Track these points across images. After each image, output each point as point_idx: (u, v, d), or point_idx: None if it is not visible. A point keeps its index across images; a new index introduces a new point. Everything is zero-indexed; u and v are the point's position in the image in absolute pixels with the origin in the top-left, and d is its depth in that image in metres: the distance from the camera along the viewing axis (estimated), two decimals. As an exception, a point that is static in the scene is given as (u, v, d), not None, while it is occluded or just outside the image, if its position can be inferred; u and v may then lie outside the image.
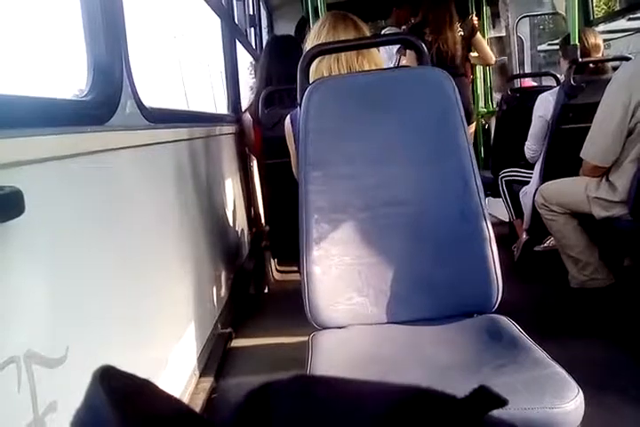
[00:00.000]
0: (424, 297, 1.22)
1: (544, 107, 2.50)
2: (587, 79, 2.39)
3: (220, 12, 2.78)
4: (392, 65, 3.33)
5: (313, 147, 1.25)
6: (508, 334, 1.08)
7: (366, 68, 1.56)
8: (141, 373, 0.35)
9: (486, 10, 4.26)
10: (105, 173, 1.12)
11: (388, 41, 1.95)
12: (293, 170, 1.69)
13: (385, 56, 3.43)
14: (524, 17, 4.83)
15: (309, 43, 1.63)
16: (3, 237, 0.72)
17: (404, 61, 3.30)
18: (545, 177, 2.43)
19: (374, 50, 1.62)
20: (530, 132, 2.60)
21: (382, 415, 0.30)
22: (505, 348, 1.03)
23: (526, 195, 2.64)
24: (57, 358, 0.83)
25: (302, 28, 4.14)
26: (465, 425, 0.31)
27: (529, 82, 4.56)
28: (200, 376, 1.70)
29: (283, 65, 2.53)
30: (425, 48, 1.39)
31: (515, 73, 4.55)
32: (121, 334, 1.11)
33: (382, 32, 4.03)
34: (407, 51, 3.20)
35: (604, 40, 3.00)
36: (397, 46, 3.33)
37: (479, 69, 4.32)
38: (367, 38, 1.68)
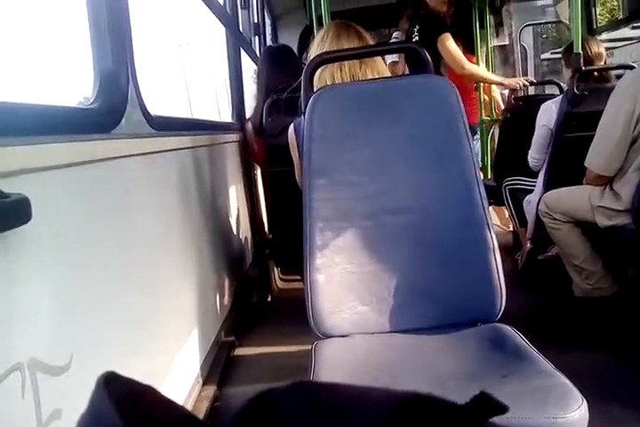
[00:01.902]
0: (427, 306, 1.22)
1: (547, 115, 2.50)
2: (590, 87, 2.39)
3: (224, 21, 2.80)
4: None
5: (317, 155, 1.26)
6: (511, 343, 1.08)
7: (369, 76, 1.57)
8: (145, 380, 0.35)
9: (489, 19, 4.27)
10: (111, 181, 1.12)
11: (391, 49, 1.96)
12: (297, 178, 1.69)
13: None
14: (528, 25, 4.84)
15: (313, 52, 1.64)
16: (10, 244, 0.72)
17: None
18: (548, 186, 2.43)
19: (378, 58, 1.63)
20: (533, 141, 2.60)
21: (384, 421, 0.30)
22: (508, 357, 1.03)
23: (530, 203, 2.64)
24: (61, 365, 0.83)
25: (306, 36, 4.16)
26: (466, 432, 0.31)
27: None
28: (203, 384, 1.70)
29: (282, 75, 2.55)
30: (429, 57, 1.40)
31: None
32: (124, 342, 1.11)
33: (392, 35, 3.98)
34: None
35: (608, 48, 3.01)
36: None
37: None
38: (370, 47, 1.69)
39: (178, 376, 1.48)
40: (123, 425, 0.29)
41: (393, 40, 3.90)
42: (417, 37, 3.15)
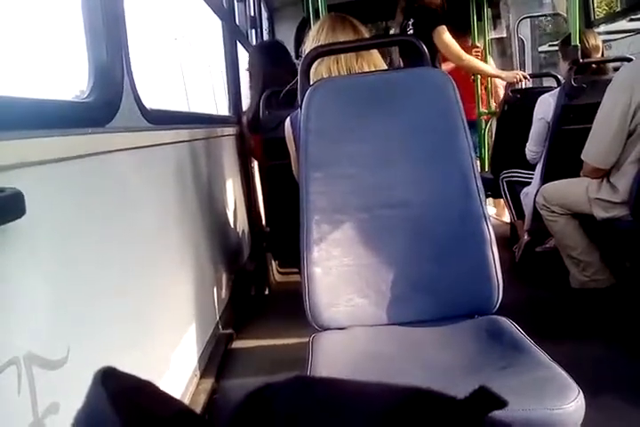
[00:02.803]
0: (424, 298, 1.22)
1: (544, 108, 2.50)
2: (587, 80, 2.38)
3: (221, 14, 2.78)
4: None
5: (313, 148, 1.26)
6: (508, 335, 1.08)
7: (365, 69, 1.57)
8: (142, 374, 0.35)
9: (487, 11, 4.26)
10: (106, 175, 1.12)
11: (387, 42, 1.95)
12: (294, 171, 1.69)
13: None
14: (525, 18, 4.82)
15: (308, 45, 1.63)
16: (4, 239, 0.72)
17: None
18: (546, 178, 2.43)
19: (374, 51, 1.63)
20: (530, 134, 2.60)
21: (383, 416, 0.30)
22: (505, 349, 1.03)
23: (527, 196, 2.64)
24: (57, 359, 0.83)
25: (303, 29, 4.14)
26: (465, 426, 0.31)
27: None
28: (201, 377, 1.70)
29: (277, 70, 2.56)
30: (426, 50, 1.39)
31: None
32: (122, 336, 1.11)
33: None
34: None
35: (605, 41, 3.00)
36: None
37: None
38: (367, 40, 1.68)
39: (175, 369, 1.48)
40: (119, 420, 0.29)
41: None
42: (411, 30, 3.12)
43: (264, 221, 3.03)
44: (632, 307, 1.98)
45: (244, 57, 3.07)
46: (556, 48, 3.00)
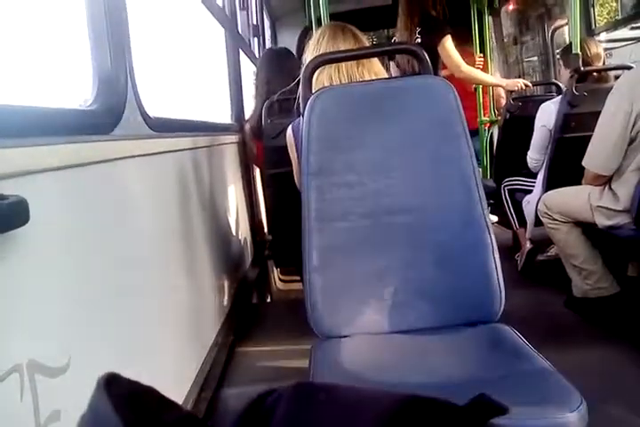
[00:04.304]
0: (426, 306, 1.22)
1: (546, 116, 2.51)
2: (589, 88, 2.39)
3: (223, 22, 2.80)
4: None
5: (315, 155, 1.26)
6: (510, 343, 1.08)
7: (366, 77, 1.58)
8: (143, 382, 0.35)
9: (488, 19, 4.28)
10: (109, 183, 1.12)
11: (390, 50, 1.96)
12: (295, 179, 1.69)
13: None
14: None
15: (309, 54, 1.65)
16: (8, 246, 0.72)
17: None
18: (548, 186, 2.43)
19: (374, 59, 1.64)
20: (532, 142, 2.60)
21: (384, 422, 0.30)
22: (508, 357, 1.03)
23: (529, 204, 2.64)
24: (59, 367, 0.83)
25: (305, 38, 4.16)
26: (466, 433, 0.31)
27: None
28: (202, 385, 1.70)
29: (282, 77, 2.56)
30: (427, 58, 1.40)
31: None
32: (123, 344, 1.11)
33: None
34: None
35: (606, 49, 3.02)
36: None
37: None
38: (368, 48, 1.69)
39: (177, 377, 1.48)
40: (122, 426, 0.29)
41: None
42: (419, 39, 3.13)
43: (266, 229, 3.03)
44: (635, 315, 1.97)
45: (246, 65, 3.09)
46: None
